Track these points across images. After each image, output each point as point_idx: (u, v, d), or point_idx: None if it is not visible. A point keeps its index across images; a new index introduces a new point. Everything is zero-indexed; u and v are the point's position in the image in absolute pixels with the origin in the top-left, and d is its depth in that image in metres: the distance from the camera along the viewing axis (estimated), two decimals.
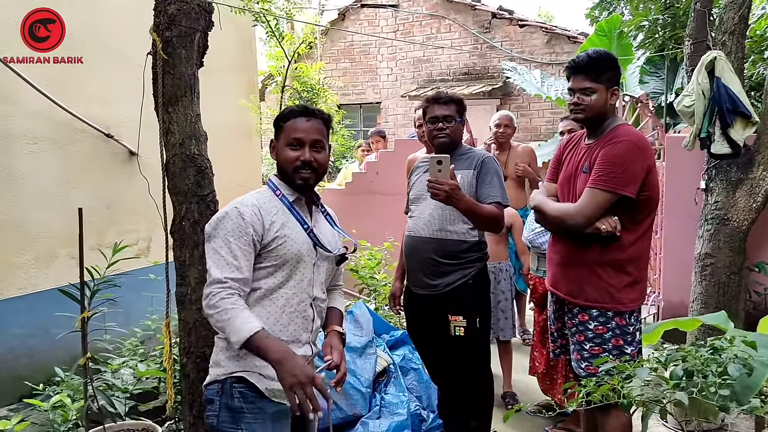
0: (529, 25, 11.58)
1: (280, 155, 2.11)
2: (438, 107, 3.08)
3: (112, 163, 4.80)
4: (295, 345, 2.04)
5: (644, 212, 2.56)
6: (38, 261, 4.27)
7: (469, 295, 3.00)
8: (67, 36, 4.39)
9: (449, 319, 2.98)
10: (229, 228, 1.96)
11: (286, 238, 2.03)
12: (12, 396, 4.05)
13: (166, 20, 2.49)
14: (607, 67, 2.57)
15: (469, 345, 3.00)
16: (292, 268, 2.05)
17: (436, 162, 2.63)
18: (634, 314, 2.61)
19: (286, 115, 2.12)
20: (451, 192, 2.62)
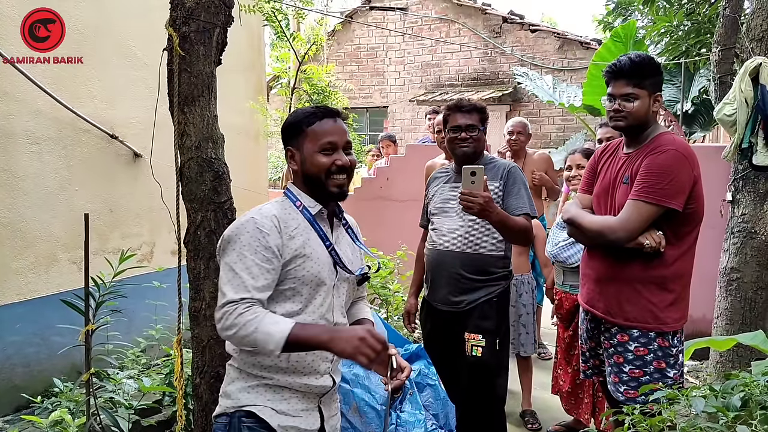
0: (541, 30, 11.45)
1: (309, 162, 1.88)
2: (461, 116, 2.95)
3: (116, 165, 4.64)
4: (312, 376, 1.87)
5: (689, 226, 2.41)
6: (38, 265, 4.10)
7: (491, 314, 2.89)
8: (73, 34, 4.25)
9: (466, 337, 2.88)
10: (244, 241, 1.75)
11: (306, 259, 1.82)
12: (8, 407, 3.88)
13: (184, 14, 2.33)
14: (650, 71, 2.42)
15: (485, 366, 2.89)
16: (311, 291, 1.85)
17: (469, 173, 2.50)
18: (677, 335, 2.45)
19: (310, 118, 1.90)
20: (485, 205, 2.51)
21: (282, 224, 1.81)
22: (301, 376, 1.84)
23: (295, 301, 1.82)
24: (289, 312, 1.81)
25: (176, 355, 2.53)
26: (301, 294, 1.83)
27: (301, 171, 1.91)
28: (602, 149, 2.73)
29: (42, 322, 4.02)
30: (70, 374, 3.96)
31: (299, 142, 1.89)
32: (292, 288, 1.81)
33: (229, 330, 1.69)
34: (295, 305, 1.82)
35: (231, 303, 1.70)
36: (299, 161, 1.90)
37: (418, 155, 6.00)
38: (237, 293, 1.71)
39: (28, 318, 4.00)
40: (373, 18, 12.71)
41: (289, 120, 1.94)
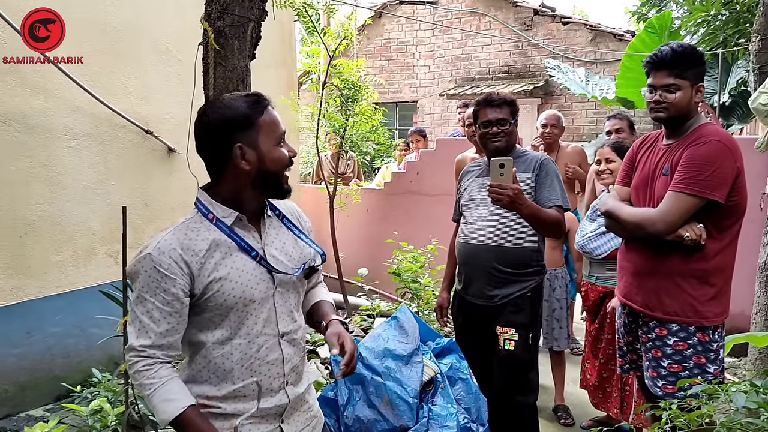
0: (573, 22, 11.30)
1: (269, 159, 1.64)
2: (491, 110, 2.93)
3: (151, 159, 4.72)
4: (266, 396, 1.69)
5: (732, 219, 2.34)
6: (76, 259, 4.20)
7: (524, 308, 2.87)
8: (110, 32, 4.33)
9: (498, 331, 2.87)
10: (142, 282, 1.58)
11: (223, 282, 1.60)
12: (49, 396, 3.98)
13: (219, 9, 2.35)
14: (693, 61, 2.35)
15: (517, 360, 2.88)
16: (240, 314, 1.64)
17: (498, 165, 2.48)
18: (718, 330, 2.39)
19: (257, 107, 1.64)
20: (514, 197, 2.49)
21: (187, 254, 1.58)
22: (251, 400, 1.68)
23: (224, 326, 1.64)
24: (220, 339, 1.64)
25: None
26: (229, 318, 1.64)
27: (255, 171, 1.63)
28: (641, 140, 2.67)
29: (81, 314, 4.12)
30: (108, 365, 4.04)
31: (252, 137, 1.62)
32: (219, 314, 1.63)
33: (132, 378, 1.64)
34: (225, 331, 1.64)
35: (132, 350, 1.59)
36: (254, 159, 1.62)
37: (448, 149, 5.97)
38: (138, 339, 1.58)
39: (67, 310, 4.10)
40: (402, 12, 12.68)
41: (232, 112, 1.62)
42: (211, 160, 1.67)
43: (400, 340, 3.71)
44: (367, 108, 5.90)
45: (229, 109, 1.63)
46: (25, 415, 3.81)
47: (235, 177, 1.64)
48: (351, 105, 5.81)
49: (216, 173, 1.68)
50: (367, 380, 3.37)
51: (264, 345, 1.68)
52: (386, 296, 6.00)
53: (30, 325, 3.92)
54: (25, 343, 3.90)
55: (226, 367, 1.65)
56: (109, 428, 3.07)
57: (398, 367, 3.53)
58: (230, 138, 1.60)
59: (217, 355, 1.64)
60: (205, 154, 1.67)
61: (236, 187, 1.66)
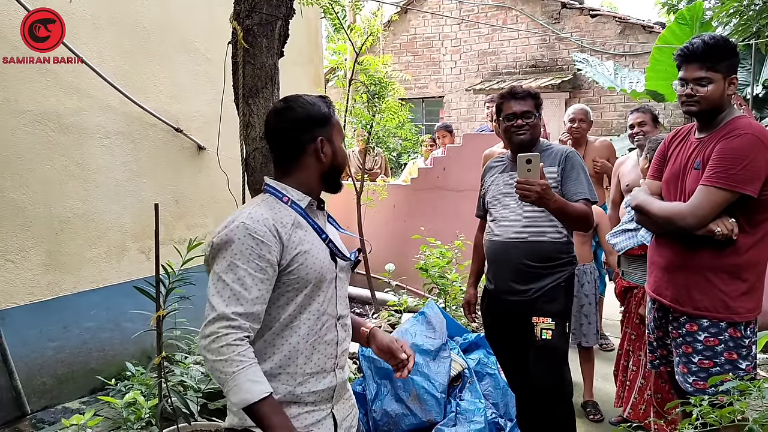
0: (601, 14, 11.14)
1: (339, 154, 1.83)
2: (515, 103, 2.91)
3: (181, 157, 4.79)
4: (319, 376, 1.76)
5: (765, 213, 2.30)
6: (110, 255, 4.28)
7: (559, 298, 2.88)
8: (140, 32, 4.40)
9: (534, 321, 2.85)
10: (235, 249, 1.61)
11: (307, 255, 1.70)
12: (85, 389, 4.08)
13: (247, 7, 2.38)
14: (725, 54, 2.32)
15: (555, 349, 2.87)
16: (314, 289, 1.73)
17: (525, 161, 2.45)
18: (750, 326, 2.36)
19: (330, 108, 1.83)
20: (543, 193, 2.45)
21: (277, 224, 1.68)
22: (307, 380, 1.74)
23: (297, 301, 1.71)
24: (291, 315, 1.71)
25: None
26: (304, 293, 1.72)
27: (329, 164, 1.80)
28: (673, 134, 2.64)
29: (114, 309, 4.20)
30: (141, 359, 4.13)
31: (329, 133, 1.80)
32: (296, 288, 1.71)
33: (212, 354, 1.57)
34: (296, 306, 1.72)
35: (223, 320, 1.57)
36: (330, 153, 1.79)
37: (475, 144, 5.95)
38: (228, 306, 1.58)
39: (101, 305, 4.19)
40: (428, 7, 12.64)
41: (315, 109, 1.79)
42: (287, 151, 1.79)
43: (427, 336, 3.72)
44: (393, 104, 5.91)
45: (312, 106, 1.78)
46: (62, 407, 3.91)
47: (308, 168, 1.79)
48: (377, 101, 5.83)
49: (288, 164, 1.80)
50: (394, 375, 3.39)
51: (326, 324, 1.78)
52: (413, 292, 6.01)
53: (66, 319, 4.01)
54: (62, 337, 3.99)
55: (292, 341, 1.71)
56: (143, 420, 3.14)
57: (426, 362, 3.55)
58: (312, 132, 1.76)
59: (287, 331, 1.71)
60: (282, 145, 1.79)
61: (307, 178, 1.79)
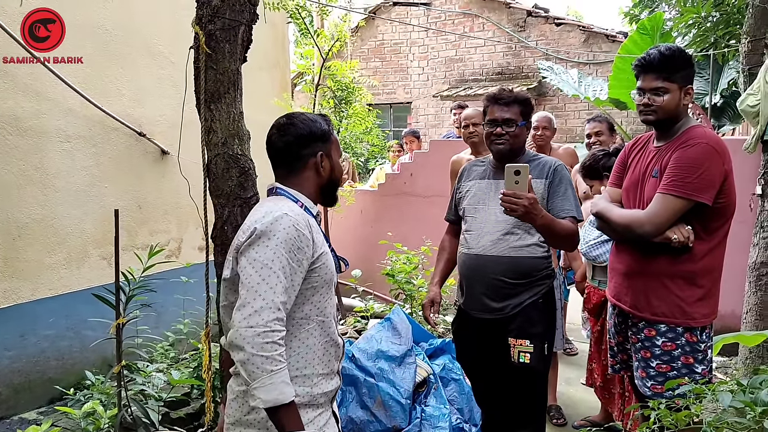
0: (566, 23, 11.34)
1: (336, 169, 1.93)
2: (498, 109, 2.68)
3: (144, 162, 4.72)
4: (328, 377, 1.82)
5: (720, 220, 2.36)
6: (69, 261, 4.19)
7: (537, 317, 2.67)
8: (102, 34, 4.33)
9: (511, 343, 2.65)
10: (281, 238, 1.64)
11: (327, 257, 1.79)
12: (43, 399, 3.98)
13: (209, 12, 2.36)
14: (681, 64, 2.37)
15: (532, 373, 2.67)
16: (327, 290, 1.81)
17: (513, 172, 2.28)
18: (706, 330, 2.42)
19: (330, 126, 1.93)
20: (530, 207, 2.28)
21: (308, 221, 1.76)
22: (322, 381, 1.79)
23: (313, 300, 1.76)
24: (307, 314, 1.75)
25: (204, 348, 2.57)
26: (320, 293, 1.78)
27: (327, 178, 1.90)
28: (633, 142, 2.69)
29: (74, 317, 4.12)
30: (101, 367, 4.05)
31: (328, 149, 1.90)
32: (315, 286, 1.75)
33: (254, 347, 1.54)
34: (312, 306, 1.76)
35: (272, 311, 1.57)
36: (328, 168, 1.90)
37: (442, 151, 5.99)
38: (277, 294, 1.60)
39: (61, 312, 4.10)
40: (396, 14, 12.69)
41: (317, 126, 1.87)
42: (290, 163, 1.87)
43: (393, 342, 3.72)
44: (360, 109, 5.92)
45: (313, 122, 1.88)
46: (18, 418, 3.80)
47: (308, 181, 1.88)
48: (345, 106, 5.84)
49: (291, 176, 1.87)
50: (360, 381, 3.38)
51: (331, 325, 1.84)
52: (380, 297, 6.01)
53: (23, 327, 3.91)
54: (19, 346, 3.89)
55: (309, 343, 1.76)
56: (102, 431, 3.07)
57: (391, 368, 3.54)
58: (313, 147, 1.86)
59: (304, 331, 1.75)
60: (286, 157, 1.87)
61: (307, 190, 1.87)
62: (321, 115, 1.95)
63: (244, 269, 1.64)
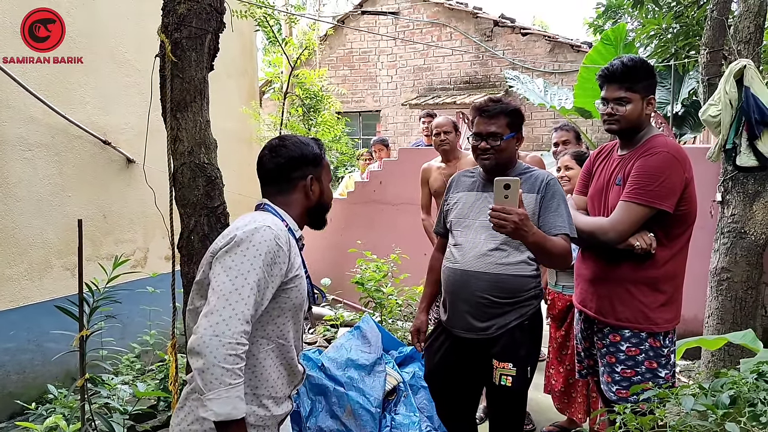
0: (532, 33, 11.51)
1: (326, 194, 1.94)
2: (483, 121, 2.52)
3: (109, 171, 4.65)
4: (280, 401, 1.79)
5: (681, 227, 2.42)
6: (31, 272, 4.10)
7: (522, 340, 2.53)
8: (66, 39, 4.25)
9: (494, 364, 2.52)
10: (261, 250, 1.61)
11: (300, 280, 1.75)
12: (3, 414, 3.87)
13: (176, 20, 2.34)
14: (643, 75, 2.42)
15: (513, 396, 2.57)
16: (295, 314, 1.77)
17: (502, 185, 2.17)
18: (669, 335, 2.47)
19: (321, 150, 1.94)
20: (520, 224, 2.16)
21: (289, 240, 1.73)
22: (272, 405, 1.76)
23: (278, 322, 1.73)
24: (269, 335, 1.71)
25: (171, 360, 2.53)
26: (285, 317, 1.74)
27: (315, 201, 1.90)
28: (598, 151, 2.74)
29: (36, 329, 4.02)
30: (65, 380, 3.95)
31: (318, 173, 1.91)
32: (282, 309, 1.72)
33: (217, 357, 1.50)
34: (276, 327, 1.73)
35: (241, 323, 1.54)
36: (318, 192, 1.90)
37: (412, 159, 6.02)
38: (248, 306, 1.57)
39: (22, 325, 4.00)
40: (365, 23, 12.74)
41: (308, 149, 1.89)
42: (281, 184, 1.87)
43: (363, 350, 3.72)
44: (329, 117, 5.93)
45: (305, 146, 1.89)
46: None
47: (296, 203, 1.87)
48: (313, 114, 5.84)
49: (280, 196, 1.87)
50: (329, 391, 3.37)
51: (292, 352, 1.80)
52: (349, 306, 6.00)
53: None
54: None
55: (266, 365, 1.72)
56: None
57: (361, 377, 3.54)
58: (304, 170, 1.86)
59: (262, 353, 1.71)
60: (277, 178, 1.87)
61: (297, 211, 1.88)
62: (314, 139, 1.96)
63: (217, 275, 1.60)
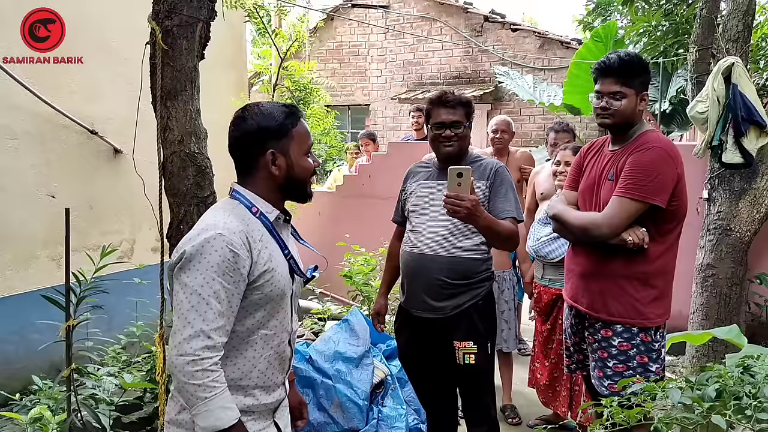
0: (522, 29, 11.52)
1: (297, 167, 1.74)
2: (444, 111, 2.72)
3: (96, 161, 4.59)
4: (269, 389, 1.76)
5: (672, 223, 2.43)
6: (16, 262, 4.04)
7: (479, 319, 2.74)
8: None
9: (455, 345, 2.73)
10: (212, 261, 1.54)
11: (273, 273, 1.67)
12: None
13: (167, 8, 2.31)
14: (639, 70, 2.43)
15: (479, 373, 2.77)
16: (275, 305, 1.71)
17: (456, 174, 2.30)
18: (660, 330, 2.48)
19: (291, 118, 1.73)
20: (473, 209, 2.32)
21: (249, 238, 1.62)
22: (260, 393, 1.73)
23: (256, 315, 1.68)
24: (249, 328, 1.68)
25: (158, 350, 2.51)
26: (264, 310, 1.69)
27: (283, 176, 1.73)
28: (588, 146, 2.74)
29: (20, 320, 3.97)
30: (49, 372, 3.90)
31: (285, 145, 1.71)
32: (258, 304, 1.67)
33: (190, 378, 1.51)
34: (255, 320, 1.68)
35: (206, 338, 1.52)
36: (284, 166, 1.72)
37: (401, 153, 6.01)
38: (206, 322, 1.53)
39: (6, 315, 3.94)
40: (355, 15, 12.69)
41: (269, 120, 1.70)
42: (243, 161, 1.75)
43: (350, 343, 3.70)
44: (319, 110, 5.91)
45: (265, 116, 1.70)
46: None
47: (265, 179, 1.73)
48: (303, 107, 5.80)
49: (247, 174, 1.75)
50: (317, 383, 3.36)
51: (282, 340, 1.77)
52: (337, 299, 5.99)
53: None
54: None
55: (248, 356, 1.68)
56: None
57: (349, 369, 3.53)
58: (264, 144, 1.69)
59: (243, 344, 1.67)
60: (238, 155, 1.75)
61: (265, 190, 1.73)
62: (283, 105, 1.76)
63: (176, 294, 1.57)
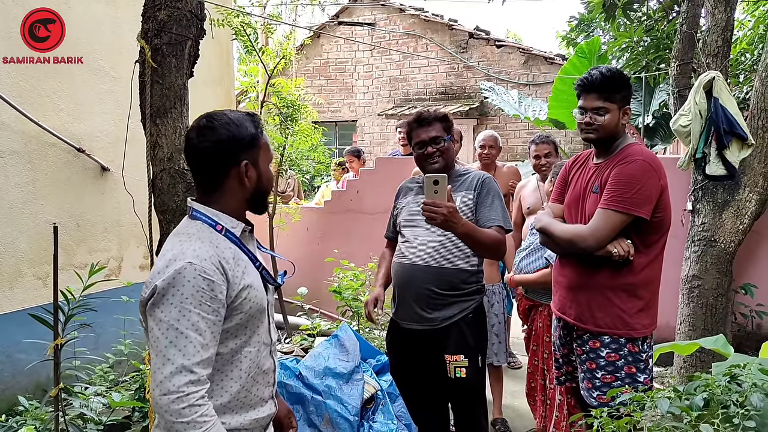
0: (506, 45, 11.65)
1: (265, 177, 1.69)
2: (422, 131, 2.78)
3: (83, 178, 4.57)
4: (258, 405, 1.71)
5: (657, 234, 2.47)
6: (2, 281, 4.01)
7: (469, 332, 2.76)
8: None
9: (446, 359, 2.75)
10: (186, 293, 1.48)
11: (250, 290, 1.61)
12: None
13: (156, 27, 2.33)
14: (620, 85, 2.48)
15: (470, 386, 2.78)
16: (255, 322, 1.66)
17: (432, 182, 2.36)
18: (647, 341, 2.51)
19: (258, 127, 1.68)
20: (449, 215, 2.35)
21: (222, 261, 1.56)
22: (248, 410, 1.68)
23: (240, 335, 1.63)
24: (233, 349, 1.62)
25: (147, 369, 2.50)
26: (246, 327, 1.64)
27: (252, 188, 1.67)
28: (573, 159, 2.78)
29: (6, 339, 3.93)
30: (35, 392, 3.86)
31: (255, 156, 1.66)
32: (240, 323, 1.62)
33: (177, 417, 1.44)
34: (239, 340, 1.63)
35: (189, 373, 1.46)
36: (254, 177, 1.66)
37: (388, 168, 6.04)
38: (186, 357, 1.46)
39: None
40: (341, 32, 12.78)
41: (242, 130, 1.63)
42: (211, 173, 1.65)
43: (340, 359, 3.70)
44: (306, 127, 5.91)
45: (237, 126, 1.62)
46: None
47: (232, 192, 1.65)
48: (290, 123, 5.81)
49: (212, 187, 1.66)
50: (307, 399, 3.35)
51: (262, 354, 1.71)
52: (327, 315, 5.98)
53: None
54: None
55: (234, 376, 1.63)
56: None
57: (339, 385, 3.52)
58: (237, 155, 1.62)
59: (228, 366, 1.62)
60: (204, 168, 1.65)
61: (232, 203, 1.66)
62: (248, 114, 1.70)
63: (151, 331, 1.51)
